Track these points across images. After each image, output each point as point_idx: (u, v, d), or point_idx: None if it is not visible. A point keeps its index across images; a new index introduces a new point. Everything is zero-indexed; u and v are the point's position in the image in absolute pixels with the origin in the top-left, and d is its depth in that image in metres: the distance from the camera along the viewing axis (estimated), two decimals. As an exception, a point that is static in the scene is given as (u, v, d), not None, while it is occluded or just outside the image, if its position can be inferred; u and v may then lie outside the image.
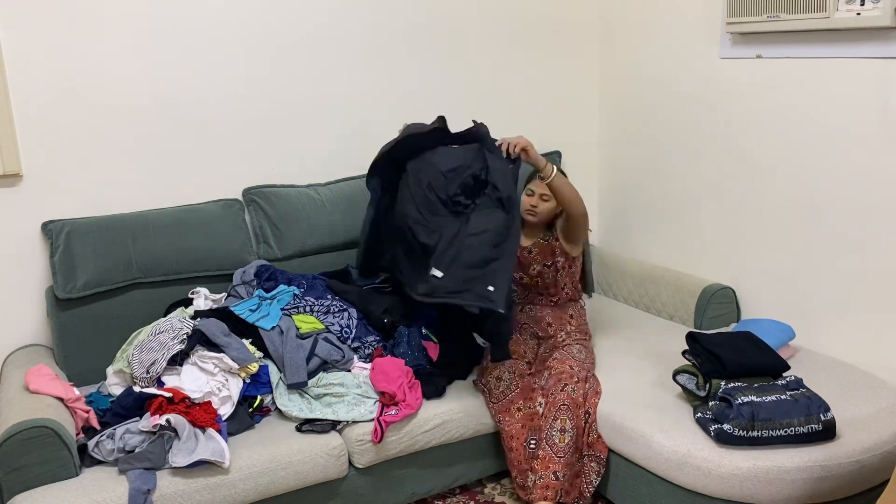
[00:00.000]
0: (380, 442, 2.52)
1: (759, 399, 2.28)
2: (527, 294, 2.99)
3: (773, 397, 2.29)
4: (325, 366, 2.72)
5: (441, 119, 2.74)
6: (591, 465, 2.60)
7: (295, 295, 2.87)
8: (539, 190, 2.82)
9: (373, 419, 2.55)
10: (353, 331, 2.84)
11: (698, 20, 3.22)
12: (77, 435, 2.34)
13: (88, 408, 2.44)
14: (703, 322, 3.18)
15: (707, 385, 2.44)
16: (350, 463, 2.56)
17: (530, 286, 2.97)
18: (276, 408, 2.61)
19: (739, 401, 2.28)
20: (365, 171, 3.33)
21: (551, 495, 2.49)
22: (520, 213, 2.68)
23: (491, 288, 2.43)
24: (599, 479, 2.59)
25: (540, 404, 2.67)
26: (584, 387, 2.66)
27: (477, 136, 2.65)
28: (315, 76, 3.23)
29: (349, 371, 2.72)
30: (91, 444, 2.31)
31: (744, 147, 3.12)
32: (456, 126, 2.78)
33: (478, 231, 2.55)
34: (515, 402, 2.67)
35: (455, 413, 2.67)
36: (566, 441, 2.54)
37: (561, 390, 2.61)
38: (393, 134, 2.76)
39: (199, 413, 2.37)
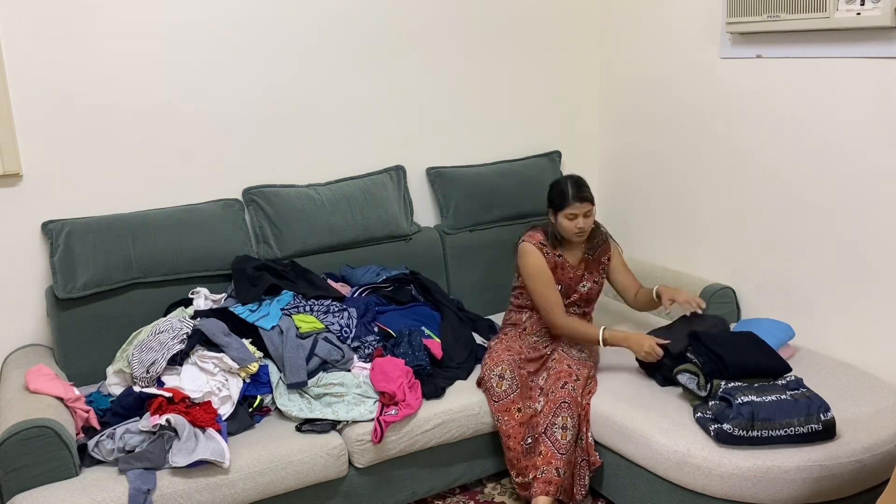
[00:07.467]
0: (379, 442, 2.52)
1: (758, 399, 2.28)
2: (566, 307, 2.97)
3: (773, 397, 2.29)
4: (325, 366, 2.71)
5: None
6: (583, 470, 2.62)
7: (295, 295, 2.87)
8: (580, 210, 2.77)
9: (372, 419, 2.55)
10: (353, 330, 2.84)
11: (698, 20, 3.22)
12: (77, 435, 2.34)
13: (88, 408, 2.44)
14: (703, 322, 3.18)
15: (708, 385, 2.44)
16: (350, 463, 2.56)
17: (578, 302, 2.95)
18: (276, 408, 2.61)
19: (739, 400, 2.27)
20: (364, 171, 3.36)
21: (553, 490, 2.50)
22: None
23: None
24: (588, 485, 2.62)
25: (539, 402, 2.68)
26: (582, 385, 2.67)
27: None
28: (315, 76, 3.23)
29: (349, 371, 2.72)
30: (91, 444, 2.31)
31: (744, 147, 3.12)
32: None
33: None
34: (516, 402, 2.67)
35: (455, 413, 2.67)
36: (568, 438, 2.55)
37: (561, 388, 2.62)
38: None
39: (199, 413, 2.36)
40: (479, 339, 3.10)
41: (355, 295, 3.05)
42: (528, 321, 2.94)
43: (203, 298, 2.85)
